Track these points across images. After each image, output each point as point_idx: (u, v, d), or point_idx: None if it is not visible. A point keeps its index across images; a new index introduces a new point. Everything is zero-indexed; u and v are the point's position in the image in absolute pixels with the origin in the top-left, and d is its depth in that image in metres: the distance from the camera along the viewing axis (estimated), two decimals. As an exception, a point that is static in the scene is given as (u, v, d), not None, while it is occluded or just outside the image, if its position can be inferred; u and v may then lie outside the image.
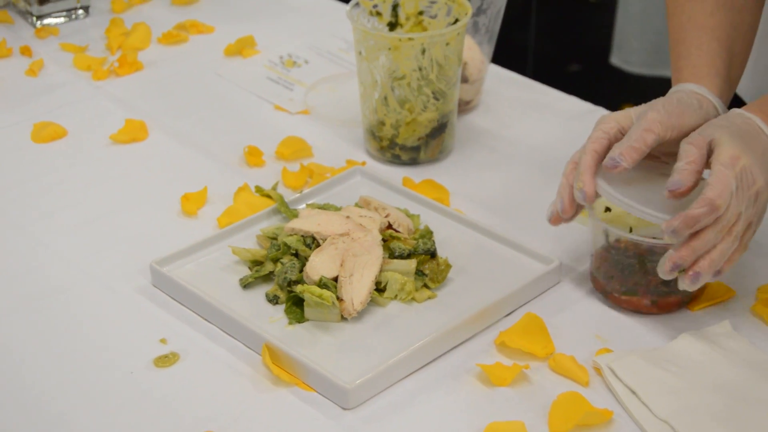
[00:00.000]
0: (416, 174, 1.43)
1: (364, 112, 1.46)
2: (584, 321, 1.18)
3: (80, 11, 1.89)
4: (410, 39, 1.36)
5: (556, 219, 1.18)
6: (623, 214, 1.21)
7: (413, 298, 1.20)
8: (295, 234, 1.24)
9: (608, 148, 1.15)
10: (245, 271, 1.24)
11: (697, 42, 1.23)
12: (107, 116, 1.59)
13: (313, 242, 1.23)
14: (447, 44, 1.37)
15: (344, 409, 1.07)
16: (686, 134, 1.13)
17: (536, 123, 1.55)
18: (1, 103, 1.64)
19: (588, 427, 1.04)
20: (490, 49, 1.57)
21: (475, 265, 1.25)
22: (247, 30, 1.81)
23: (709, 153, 1.10)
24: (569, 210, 1.17)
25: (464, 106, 1.57)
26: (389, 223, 1.27)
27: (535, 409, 1.06)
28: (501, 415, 1.06)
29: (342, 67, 1.72)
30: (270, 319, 1.17)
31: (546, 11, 3.12)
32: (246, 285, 1.22)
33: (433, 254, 1.23)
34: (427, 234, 1.27)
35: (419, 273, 1.22)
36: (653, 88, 1.54)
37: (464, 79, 1.53)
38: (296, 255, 1.22)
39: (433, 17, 1.45)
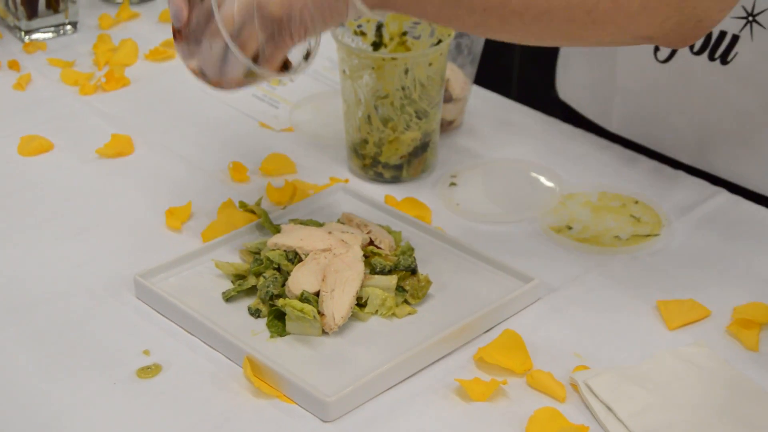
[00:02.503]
0: (398, 192, 1.45)
1: (347, 130, 1.48)
2: (562, 338, 1.19)
3: (68, 27, 1.91)
4: (393, 59, 1.38)
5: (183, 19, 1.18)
6: None
7: (394, 314, 1.21)
8: (278, 249, 1.26)
9: None
10: (228, 285, 1.25)
11: None
12: (94, 131, 1.60)
13: (295, 257, 1.24)
14: (430, 64, 1.39)
15: (324, 421, 1.08)
16: None
17: (518, 144, 1.57)
18: (-12, 116, 1.66)
19: (564, 442, 1.06)
20: (472, 70, 1.59)
21: (456, 282, 1.27)
22: (234, 48, 1.82)
23: None
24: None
25: (447, 126, 1.58)
26: (371, 239, 1.28)
27: (512, 424, 1.08)
28: (478, 429, 1.07)
29: (327, 85, 1.74)
30: (252, 332, 1.19)
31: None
32: (229, 298, 1.23)
33: (413, 271, 1.25)
34: (408, 251, 1.28)
35: (400, 289, 1.23)
36: (617, 114, 1.57)
37: (448, 97, 1.55)
38: (278, 269, 1.24)
39: (417, 38, 1.47)
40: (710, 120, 1.46)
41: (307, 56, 1.26)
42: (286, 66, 1.23)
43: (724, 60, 1.38)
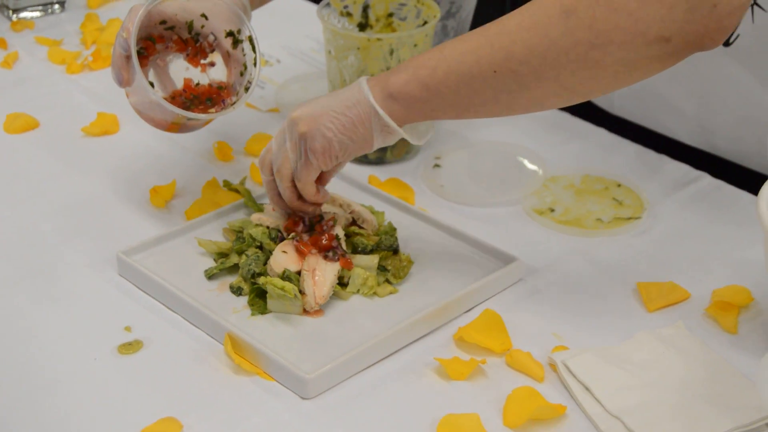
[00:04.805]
0: (382, 173, 1.45)
1: (332, 110, 1.47)
2: (542, 319, 1.20)
3: (56, 6, 1.91)
4: (379, 39, 1.38)
5: (123, 82, 1.27)
6: None
7: (375, 293, 1.22)
8: (261, 226, 1.26)
9: None
10: (211, 263, 1.26)
11: None
12: (80, 109, 1.60)
13: (277, 236, 1.25)
14: (415, 45, 1.39)
15: (303, 398, 1.09)
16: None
17: (502, 126, 1.57)
18: (-26, 93, 1.66)
19: (541, 421, 1.06)
20: (459, 52, 1.59)
21: (438, 262, 1.27)
22: (221, 28, 1.82)
23: None
24: (117, 62, 1.26)
25: (432, 108, 1.58)
26: (353, 219, 1.29)
27: (490, 403, 1.08)
28: (457, 407, 1.07)
29: (313, 66, 1.74)
30: (233, 310, 1.19)
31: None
32: (211, 276, 1.24)
33: (395, 250, 1.25)
34: (391, 231, 1.29)
35: (382, 268, 1.24)
36: (618, 95, 1.57)
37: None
38: (261, 248, 1.24)
39: (403, 19, 1.48)
40: (712, 100, 1.46)
41: (247, 87, 1.30)
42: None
43: (727, 42, 1.38)
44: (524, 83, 1.09)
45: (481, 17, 1.65)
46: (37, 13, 1.89)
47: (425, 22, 1.44)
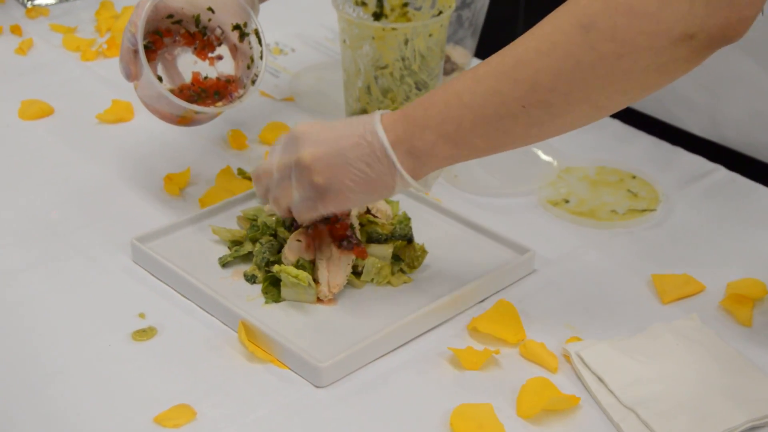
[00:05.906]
0: (397, 162, 1.45)
1: (347, 100, 1.48)
2: (556, 310, 1.20)
3: (71, -7, 1.91)
4: (394, 29, 1.38)
5: (131, 76, 1.28)
6: None
7: (389, 282, 1.22)
8: (275, 214, 1.26)
9: None
10: (225, 251, 1.26)
11: None
12: (94, 96, 1.61)
13: (292, 224, 1.25)
14: (430, 35, 1.39)
15: (317, 387, 1.08)
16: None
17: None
18: (-11, 80, 1.66)
19: (555, 412, 1.06)
20: (473, 42, 1.59)
21: (452, 252, 1.27)
22: (236, 17, 1.82)
23: None
24: (125, 56, 1.27)
25: (447, 98, 1.58)
26: (368, 208, 1.29)
27: (503, 393, 1.08)
28: (470, 397, 1.07)
29: (328, 56, 1.74)
30: (247, 298, 1.19)
31: (534, 13, 3.14)
32: (225, 264, 1.24)
33: (410, 240, 1.25)
34: (405, 220, 1.28)
35: (396, 258, 1.23)
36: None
37: (448, 69, 1.55)
38: (275, 236, 1.24)
39: (418, 9, 1.47)
40: (723, 93, 1.46)
41: (253, 81, 1.30)
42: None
43: None
44: (555, 112, 1.05)
45: (495, 8, 1.65)
46: (52, 0, 1.90)
47: (440, 12, 1.44)
